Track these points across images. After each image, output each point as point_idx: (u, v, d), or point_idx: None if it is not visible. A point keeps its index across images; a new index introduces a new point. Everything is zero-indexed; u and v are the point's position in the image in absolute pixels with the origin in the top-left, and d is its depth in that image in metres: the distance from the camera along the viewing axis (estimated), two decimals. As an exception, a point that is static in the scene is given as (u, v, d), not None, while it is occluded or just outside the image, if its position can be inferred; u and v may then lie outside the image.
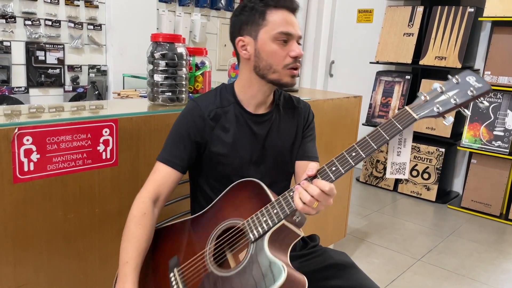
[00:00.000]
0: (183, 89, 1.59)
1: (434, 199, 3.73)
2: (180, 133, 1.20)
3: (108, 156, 1.32)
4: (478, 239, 3.00)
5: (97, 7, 3.08)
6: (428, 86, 3.79)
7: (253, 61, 1.19)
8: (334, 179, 0.96)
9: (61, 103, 2.98)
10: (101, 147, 1.29)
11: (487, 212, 3.44)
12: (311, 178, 0.98)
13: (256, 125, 1.24)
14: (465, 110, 0.94)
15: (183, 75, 1.57)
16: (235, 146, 1.22)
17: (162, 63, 1.52)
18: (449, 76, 0.98)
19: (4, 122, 1.16)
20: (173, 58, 1.52)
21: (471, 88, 0.93)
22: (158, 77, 1.53)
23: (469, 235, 3.06)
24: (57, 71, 2.97)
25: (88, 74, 3.13)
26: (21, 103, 2.82)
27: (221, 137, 1.21)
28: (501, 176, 3.38)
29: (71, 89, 3.05)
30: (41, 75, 2.89)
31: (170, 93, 1.55)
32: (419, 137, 3.86)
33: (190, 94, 1.73)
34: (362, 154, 0.96)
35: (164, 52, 1.52)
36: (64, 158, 1.21)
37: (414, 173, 3.85)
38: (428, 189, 3.77)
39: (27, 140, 1.14)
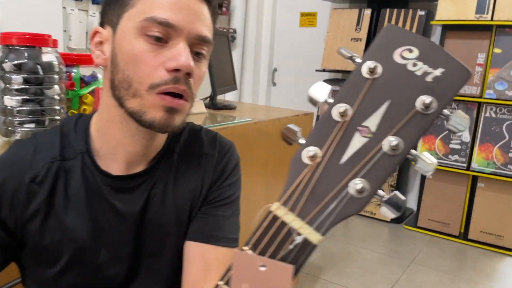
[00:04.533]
0: (56, 117, 1.05)
1: (389, 219, 3.40)
2: None
3: None
4: (441, 267, 2.68)
5: (-20, 3, 2.44)
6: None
7: (109, 71, 0.65)
8: None
9: None
10: None
11: (445, 232, 3.16)
12: None
13: (120, 196, 0.69)
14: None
15: (56, 96, 1.04)
16: (79, 236, 0.67)
17: (18, 79, 0.98)
18: (352, 59, 0.42)
19: None
20: (35, 70, 0.99)
21: (420, 87, 0.36)
22: (11, 101, 0.98)
23: (431, 262, 2.73)
24: None
25: (-29, 88, 2.47)
26: None
27: (56, 219, 0.67)
28: (459, 192, 3.12)
29: None
30: None
31: (33, 125, 1.00)
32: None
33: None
34: None
35: (21, 61, 0.98)
36: None
37: (367, 191, 3.51)
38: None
39: None
